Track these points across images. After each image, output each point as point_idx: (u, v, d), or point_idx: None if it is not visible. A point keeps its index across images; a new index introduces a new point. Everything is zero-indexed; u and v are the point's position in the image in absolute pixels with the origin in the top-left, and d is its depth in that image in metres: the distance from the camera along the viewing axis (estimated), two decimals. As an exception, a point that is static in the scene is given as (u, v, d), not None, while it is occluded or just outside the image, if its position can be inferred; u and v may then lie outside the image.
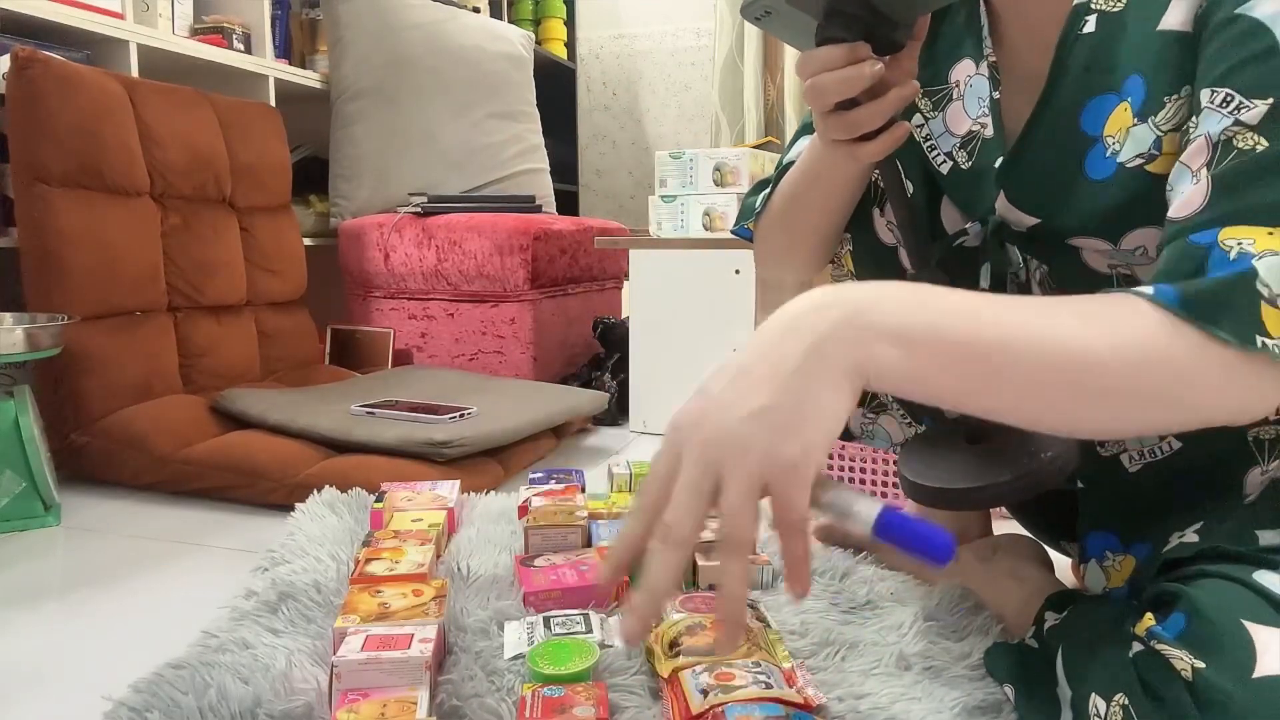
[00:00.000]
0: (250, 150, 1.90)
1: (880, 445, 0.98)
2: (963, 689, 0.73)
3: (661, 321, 1.86)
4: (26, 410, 1.25)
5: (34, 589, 1.05)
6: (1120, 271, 0.69)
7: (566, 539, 1.03)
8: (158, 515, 1.33)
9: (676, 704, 0.68)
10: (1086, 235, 0.67)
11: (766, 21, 0.67)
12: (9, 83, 1.46)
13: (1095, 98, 0.64)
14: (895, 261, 0.86)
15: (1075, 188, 0.66)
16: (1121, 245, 0.66)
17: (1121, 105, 0.63)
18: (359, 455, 1.39)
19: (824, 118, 0.69)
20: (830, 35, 0.65)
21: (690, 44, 3.47)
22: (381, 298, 2.19)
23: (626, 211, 3.63)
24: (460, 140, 2.43)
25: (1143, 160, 0.62)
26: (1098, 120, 0.65)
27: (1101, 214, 0.65)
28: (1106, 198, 0.65)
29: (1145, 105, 0.62)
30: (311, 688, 0.72)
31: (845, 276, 0.92)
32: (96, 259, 1.52)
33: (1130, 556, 0.75)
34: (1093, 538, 0.77)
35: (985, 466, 0.71)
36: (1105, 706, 0.59)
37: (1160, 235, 0.60)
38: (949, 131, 0.77)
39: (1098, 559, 0.77)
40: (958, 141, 0.76)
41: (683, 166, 1.91)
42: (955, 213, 0.80)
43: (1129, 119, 0.63)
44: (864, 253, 0.87)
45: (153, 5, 1.86)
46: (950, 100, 0.76)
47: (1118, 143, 0.63)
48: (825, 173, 0.79)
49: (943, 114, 0.77)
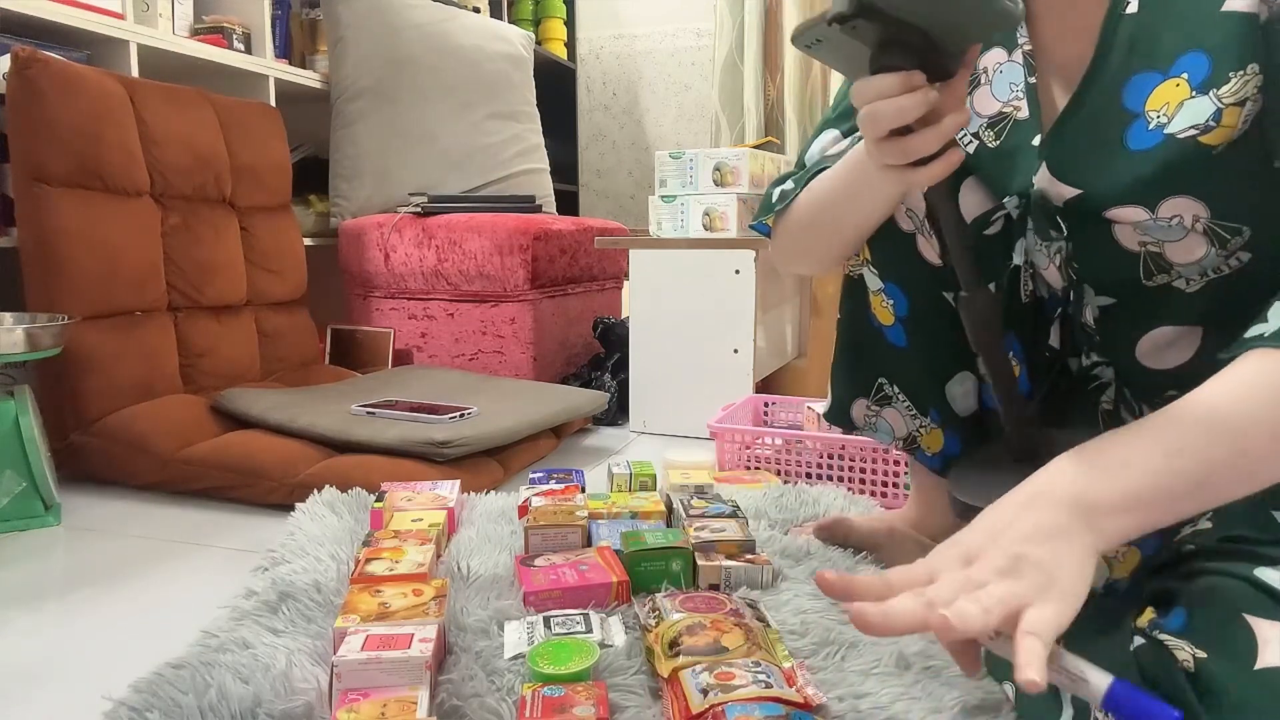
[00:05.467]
0: (250, 150, 1.90)
1: (882, 439, 0.98)
2: (962, 688, 0.73)
3: (661, 321, 1.86)
4: (26, 410, 1.25)
5: (34, 589, 1.05)
6: (1150, 249, 0.71)
7: (566, 539, 1.03)
8: (158, 515, 1.33)
9: (676, 704, 0.68)
10: (1125, 204, 0.69)
11: (818, 49, 0.68)
12: (9, 83, 1.46)
13: (1138, 75, 0.68)
14: (912, 248, 0.87)
15: (1116, 158, 0.69)
16: (1159, 213, 0.68)
17: (1170, 82, 0.66)
18: (359, 455, 1.39)
19: (878, 144, 0.70)
20: (885, 64, 0.66)
21: (690, 44, 3.47)
22: (381, 298, 2.19)
23: (626, 211, 3.63)
24: (460, 140, 2.43)
25: (1196, 131, 0.65)
26: (1140, 96, 0.68)
27: (1142, 181, 0.68)
28: (1147, 166, 0.67)
29: (1209, 79, 0.65)
30: (311, 687, 0.72)
31: (861, 265, 0.92)
32: (96, 259, 1.52)
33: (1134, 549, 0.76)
34: None
35: None
36: None
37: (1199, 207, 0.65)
38: (975, 113, 0.80)
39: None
40: (984, 122, 0.79)
41: (683, 166, 1.91)
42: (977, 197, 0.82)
43: (1182, 93, 0.66)
44: (883, 240, 0.89)
45: (153, 5, 1.86)
46: (978, 85, 0.80)
47: (1163, 115, 0.67)
48: (867, 193, 0.82)
49: (970, 98, 0.80)
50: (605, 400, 1.77)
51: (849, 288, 0.95)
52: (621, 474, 1.26)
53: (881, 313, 0.92)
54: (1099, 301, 0.77)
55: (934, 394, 0.92)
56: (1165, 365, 0.75)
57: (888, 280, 0.90)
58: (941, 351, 0.90)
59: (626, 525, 1.06)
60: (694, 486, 1.25)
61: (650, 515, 1.11)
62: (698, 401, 1.82)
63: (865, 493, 1.37)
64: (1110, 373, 0.83)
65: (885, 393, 0.95)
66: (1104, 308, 0.77)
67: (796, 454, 1.44)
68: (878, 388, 0.95)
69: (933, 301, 0.88)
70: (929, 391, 0.92)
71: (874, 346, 0.94)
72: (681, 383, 1.86)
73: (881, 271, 0.90)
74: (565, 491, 1.17)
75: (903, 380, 0.94)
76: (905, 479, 1.36)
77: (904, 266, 0.88)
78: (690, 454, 1.44)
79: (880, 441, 0.99)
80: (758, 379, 1.85)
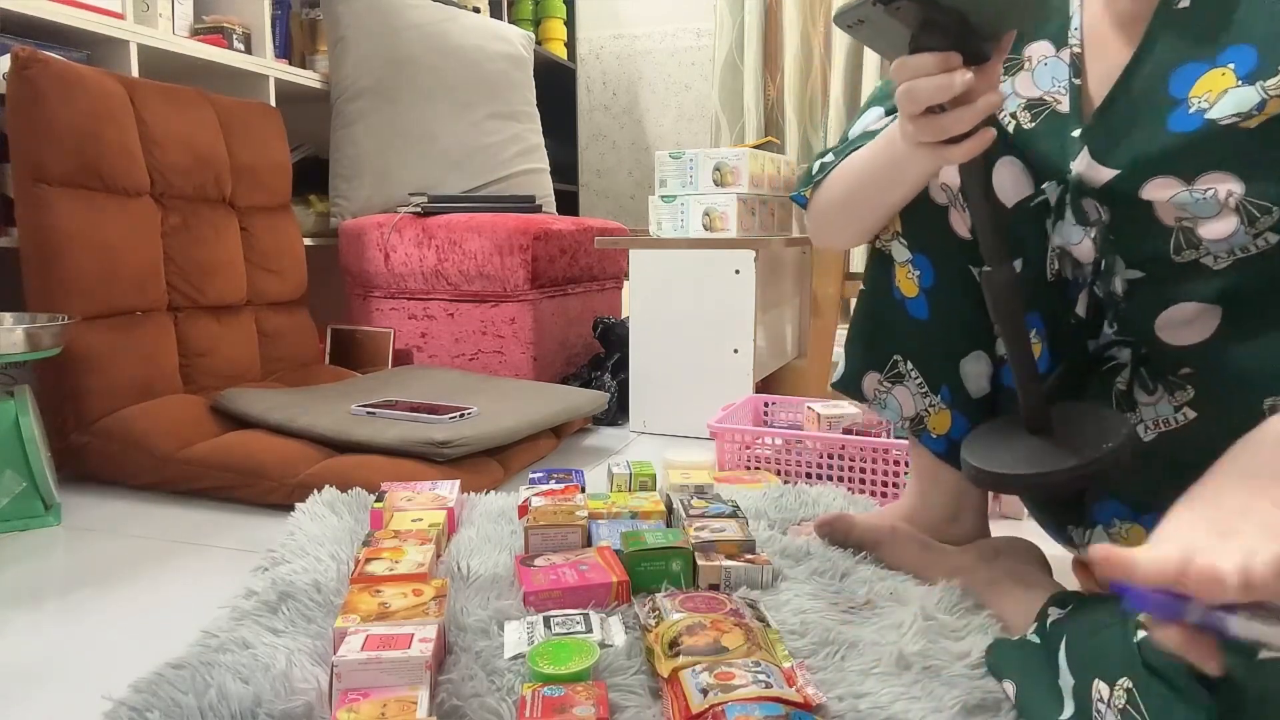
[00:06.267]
0: (250, 150, 1.90)
1: (889, 417, 0.99)
2: (962, 688, 0.73)
3: (661, 321, 1.86)
4: (27, 410, 1.25)
5: (34, 589, 1.05)
6: (1184, 224, 0.74)
7: (566, 539, 1.03)
8: (158, 515, 1.33)
9: (676, 704, 0.68)
10: (1163, 174, 0.73)
11: (858, 30, 0.71)
12: (9, 83, 1.46)
13: (1186, 64, 0.73)
14: (944, 221, 0.90)
15: (1156, 139, 0.73)
16: (1195, 184, 0.71)
17: (1216, 70, 0.71)
18: (359, 455, 1.39)
19: (914, 120, 0.73)
20: (924, 44, 0.69)
21: (690, 44, 3.47)
22: (381, 298, 2.19)
23: (626, 211, 3.63)
24: (460, 140, 2.43)
25: (1238, 118, 0.69)
26: (1185, 84, 0.72)
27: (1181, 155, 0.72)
28: (1187, 144, 0.72)
29: (1256, 71, 0.69)
30: (311, 687, 0.72)
31: (890, 239, 0.94)
32: (96, 259, 1.52)
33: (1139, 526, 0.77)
34: (1101, 505, 0.80)
35: (1048, 455, 0.76)
36: (1109, 691, 0.60)
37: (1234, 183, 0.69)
38: (1015, 93, 0.85)
39: (1104, 525, 0.79)
40: (1023, 103, 0.83)
41: (683, 166, 1.91)
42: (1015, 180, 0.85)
43: (1228, 81, 0.71)
44: (915, 212, 0.91)
45: (153, 5, 1.86)
46: (1020, 69, 0.85)
47: (1206, 101, 0.71)
48: (899, 169, 0.84)
49: (1012, 79, 0.85)
50: (605, 400, 1.77)
51: (876, 261, 0.97)
52: (621, 474, 1.26)
53: (906, 284, 0.94)
54: (1128, 275, 0.80)
55: (947, 370, 0.94)
56: (1182, 342, 0.77)
57: (917, 251, 0.92)
58: (961, 326, 0.92)
59: (626, 525, 1.06)
60: (694, 486, 1.25)
61: (650, 515, 1.11)
62: (698, 401, 1.82)
63: (865, 493, 1.37)
64: (1127, 354, 0.84)
65: (899, 370, 0.97)
66: (1131, 281, 0.80)
67: (796, 454, 1.44)
68: (892, 364, 0.97)
69: (959, 275, 0.91)
70: (943, 367, 0.94)
71: (894, 320, 0.96)
72: (681, 383, 1.86)
73: (911, 242, 0.92)
74: (565, 491, 1.17)
75: (918, 354, 0.95)
76: (906, 478, 1.36)
77: (934, 238, 0.91)
78: (690, 454, 1.44)
79: (887, 419, 1.00)
80: (758, 379, 1.85)
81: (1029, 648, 0.74)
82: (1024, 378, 0.80)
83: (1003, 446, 0.81)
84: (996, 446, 0.81)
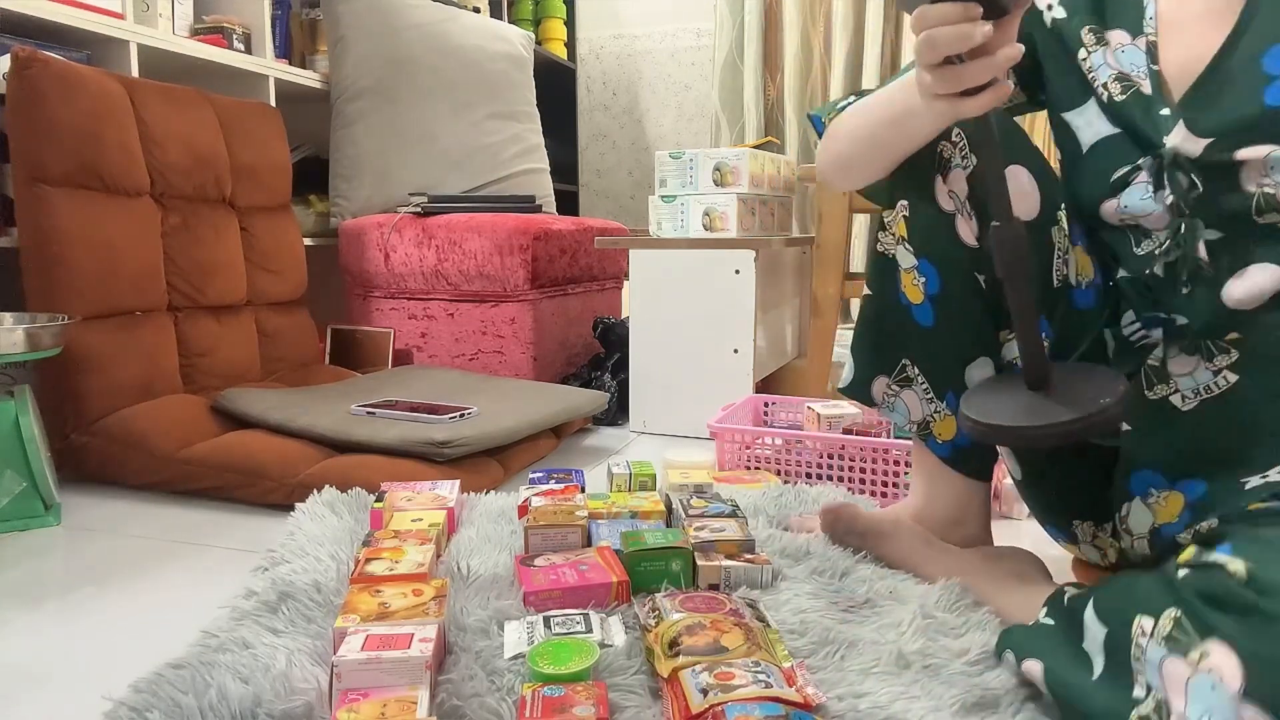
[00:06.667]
0: (250, 150, 1.90)
1: (897, 420, 1.00)
2: (961, 686, 0.73)
3: (661, 321, 1.86)
4: (27, 410, 1.25)
5: (34, 589, 1.05)
6: (1265, 190, 0.76)
7: (566, 539, 1.03)
8: (158, 515, 1.33)
9: (676, 704, 0.68)
10: (1258, 142, 0.75)
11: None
12: (9, 83, 1.46)
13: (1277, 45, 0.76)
14: (951, 228, 0.90)
15: (1252, 109, 0.76)
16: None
17: None
18: (359, 455, 1.39)
19: (932, 70, 0.74)
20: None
21: (690, 44, 3.47)
22: (381, 298, 2.20)
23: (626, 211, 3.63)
24: (460, 140, 2.43)
25: None
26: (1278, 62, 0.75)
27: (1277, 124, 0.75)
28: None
29: None
30: (311, 687, 0.72)
31: (895, 244, 0.94)
32: (96, 259, 1.52)
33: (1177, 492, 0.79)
34: (1137, 476, 0.82)
35: (1045, 409, 0.77)
36: (1153, 623, 0.61)
37: None
38: (1106, 64, 0.86)
39: (1142, 496, 0.81)
40: (1114, 74, 0.84)
41: (683, 166, 1.91)
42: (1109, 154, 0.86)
43: None
44: (921, 219, 0.92)
45: (153, 5, 1.86)
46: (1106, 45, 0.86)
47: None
48: (914, 120, 0.85)
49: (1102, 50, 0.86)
50: (605, 400, 1.78)
51: (880, 266, 0.97)
52: (621, 474, 1.26)
53: (911, 291, 0.94)
54: (1207, 235, 0.80)
55: (953, 376, 0.94)
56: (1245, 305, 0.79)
57: (922, 258, 0.92)
58: (966, 333, 0.93)
59: (626, 525, 1.06)
60: (693, 486, 1.25)
61: (650, 515, 1.11)
62: (698, 401, 1.82)
63: (865, 493, 1.37)
64: (1158, 333, 0.86)
65: (907, 374, 0.97)
66: (1210, 242, 0.80)
67: (796, 454, 1.44)
68: (900, 368, 0.98)
69: (964, 281, 0.91)
70: (949, 373, 0.94)
71: (900, 325, 0.96)
72: (681, 383, 1.86)
73: (917, 249, 0.92)
74: (565, 491, 1.17)
75: (924, 361, 0.96)
76: (905, 478, 1.36)
77: (941, 245, 0.91)
78: (690, 454, 1.44)
79: (895, 422, 1.01)
80: (758, 379, 1.85)
81: (1043, 628, 0.75)
82: (1026, 333, 0.80)
83: (1001, 401, 0.81)
84: (994, 401, 0.82)
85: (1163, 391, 0.82)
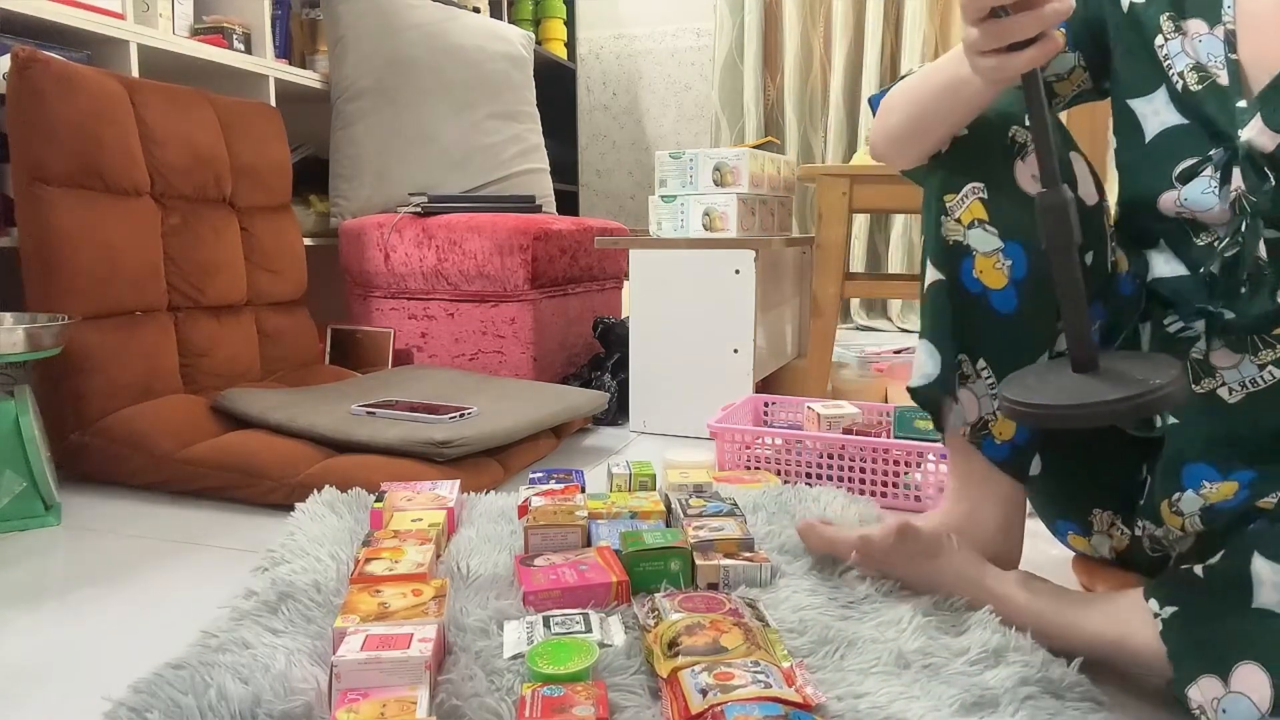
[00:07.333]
0: (250, 150, 1.90)
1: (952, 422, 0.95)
2: (961, 685, 0.73)
3: (661, 321, 1.86)
4: (27, 410, 1.25)
5: (34, 589, 1.05)
6: None
7: (566, 539, 1.03)
8: (158, 515, 1.33)
9: (676, 704, 0.68)
10: None
11: None
12: (9, 83, 1.46)
13: None
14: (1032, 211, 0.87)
15: None
16: None
17: None
18: (359, 455, 1.39)
19: (979, 25, 0.73)
20: None
21: (690, 44, 3.47)
22: (381, 298, 2.20)
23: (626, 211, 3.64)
24: (460, 140, 2.44)
25: None
26: None
27: None
28: None
29: None
30: (311, 688, 0.72)
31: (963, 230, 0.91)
32: (96, 259, 1.52)
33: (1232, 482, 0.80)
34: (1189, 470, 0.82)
35: (1095, 389, 0.74)
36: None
37: None
38: (1184, 53, 0.84)
39: (1194, 489, 0.82)
40: (1191, 63, 0.83)
41: (683, 166, 1.91)
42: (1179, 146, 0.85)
43: None
44: (1005, 202, 0.90)
45: (153, 5, 1.86)
46: (1184, 35, 0.85)
47: None
48: (965, 90, 0.84)
49: (1180, 39, 0.85)
50: (605, 400, 1.78)
51: (943, 255, 0.92)
52: (621, 474, 1.26)
53: (992, 275, 0.90)
54: (1268, 234, 0.80)
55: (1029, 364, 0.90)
56: None
57: (1009, 239, 0.89)
58: (1051, 319, 0.89)
59: (626, 525, 1.06)
60: (693, 486, 1.25)
61: (649, 515, 1.11)
62: (697, 401, 1.82)
63: (865, 493, 1.37)
64: (1201, 325, 0.85)
65: (963, 370, 0.93)
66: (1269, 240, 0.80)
67: (796, 454, 1.44)
68: (956, 364, 0.93)
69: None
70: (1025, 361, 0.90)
71: (967, 316, 0.92)
72: (681, 383, 1.86)
73: (1002, 230, 0.89)
74: (565, 491, 1.17)
75: (996, 351, 0.91)
76: (905, 478, 1.36)
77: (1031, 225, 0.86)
78: (690, 454, 1.44)
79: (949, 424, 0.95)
80: (758, 379, 1.85)
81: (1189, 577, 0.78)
82: (1073, 312, 0.77)
83: (1045, 384, 0.78)
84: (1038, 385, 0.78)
85: (1209, 385, 0.83)
